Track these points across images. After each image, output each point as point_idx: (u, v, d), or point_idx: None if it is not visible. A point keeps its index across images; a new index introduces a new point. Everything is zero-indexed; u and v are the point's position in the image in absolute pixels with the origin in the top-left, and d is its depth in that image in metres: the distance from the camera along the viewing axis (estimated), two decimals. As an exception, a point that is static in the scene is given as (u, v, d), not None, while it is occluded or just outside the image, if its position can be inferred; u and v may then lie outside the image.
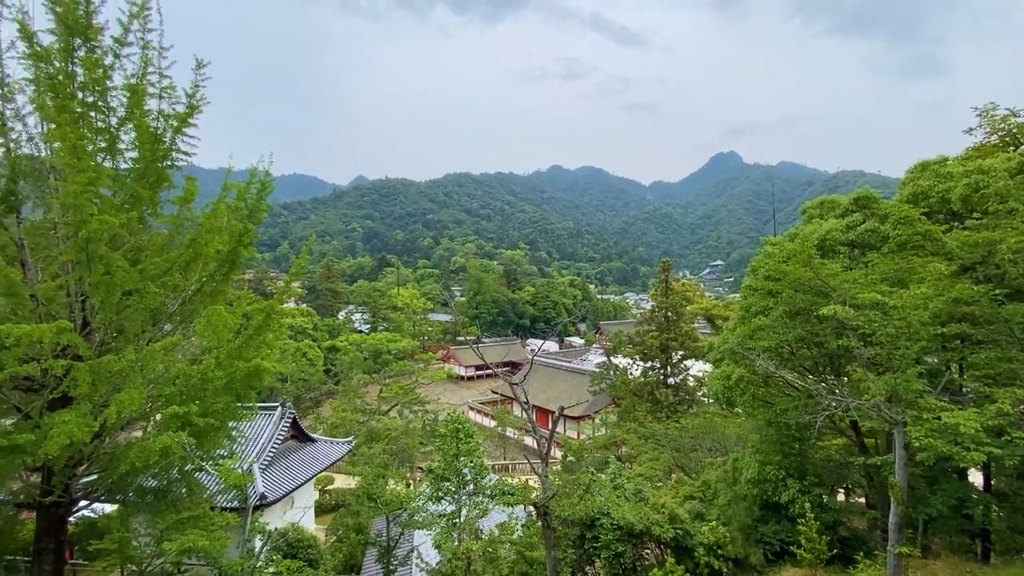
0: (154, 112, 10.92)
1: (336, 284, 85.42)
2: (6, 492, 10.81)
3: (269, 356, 12.25)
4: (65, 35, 9.87)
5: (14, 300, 9.02)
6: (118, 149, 10.77)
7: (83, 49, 10.06)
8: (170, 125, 10.98)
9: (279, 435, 20.06)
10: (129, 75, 10.71)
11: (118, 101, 10.56)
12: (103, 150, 10.46)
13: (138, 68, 10.70)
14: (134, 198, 10.48)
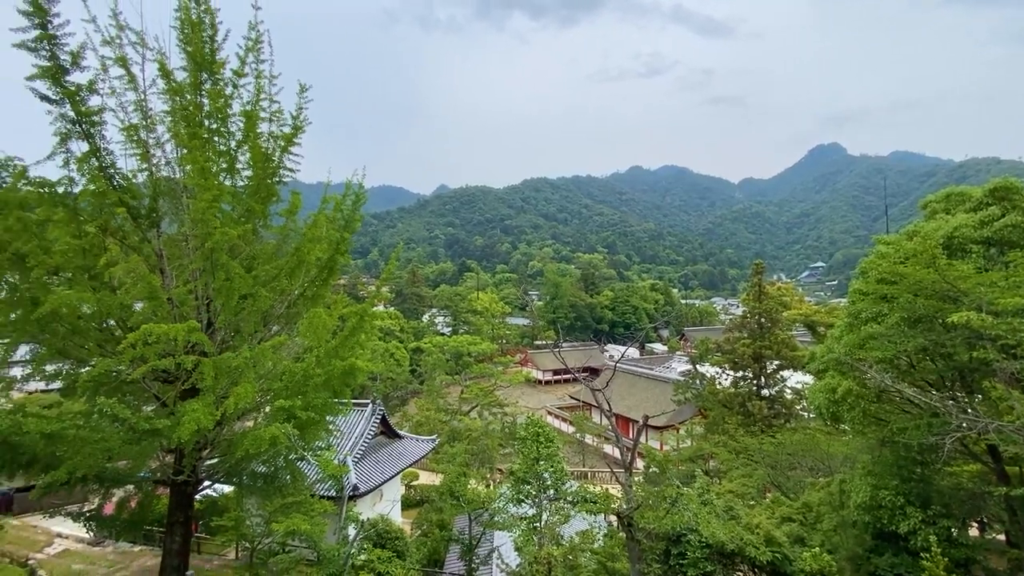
0: (265, 134, 12.15)
1: (420, 289, 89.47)
2: (147, 470, 12.49)
3: (362, 356, 13.11)
4: (195, 71, 11.27)
5: (155, 303, 10.41)
6: (236, 169, 12.10)
7: (209, 82, 11.43)
8: (278, 145, 12.16)
9: (370, 430, 21.32)
10: (245, 102, 12.02)
11: (236, 126, 11.88)
12: (224, 170, 11.81)
13: (252, 96, 11.97)
14: (249, 212, 11.70)
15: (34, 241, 9.64)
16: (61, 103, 9.89)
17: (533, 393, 67.11)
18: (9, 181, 10.19)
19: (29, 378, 10.98)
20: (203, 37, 11.08)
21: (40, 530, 19.55)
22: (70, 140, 10.14)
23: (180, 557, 12.28)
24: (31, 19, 9.30)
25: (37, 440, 9.57)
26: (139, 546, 17.53)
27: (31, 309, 9.49)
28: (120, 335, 10.12)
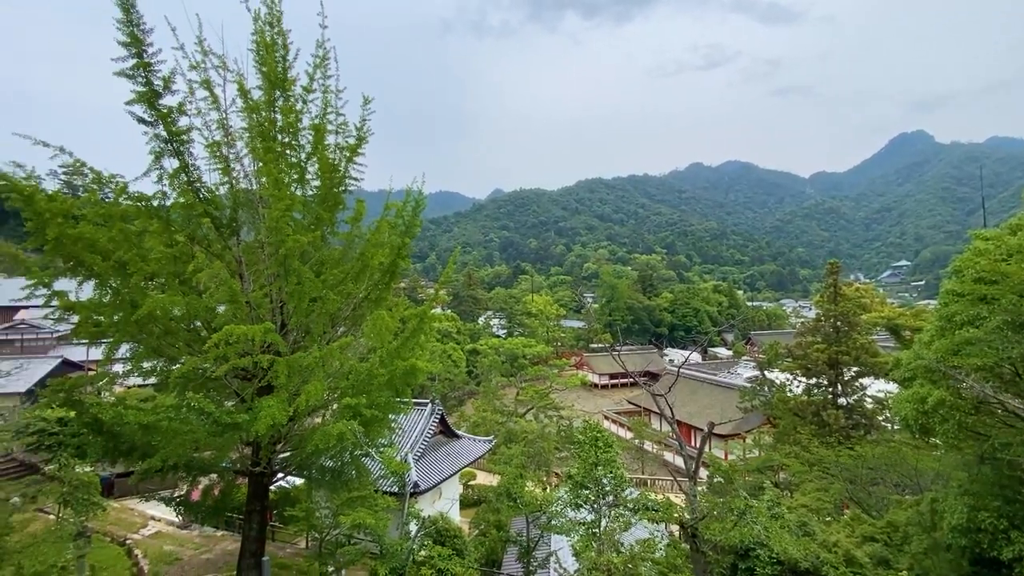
0: (332, 146, 12.80)
1: (476, 291, 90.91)
2: (228, 460, 13.48)
3: (421, 356, 13.49)
4: (269, 89, 12.06)
5: (235, 306, 11.23)
6: (306, 179, 12.82)
7: (281, 99, 12.20)
8: (344, 156, 12.77)
9: (429, 429, 21.88)
10: (313, 116, 12.73)
11: (306, 139, 12.60)
12: (295, 181, 12.55)
13: (320, 110, 12.65)
14: (318, 220, 12.36)
15: (133, 250, 10.67)
16: (155, 124, 10.90)
17: (589, 397, 66.23)
18: (112, 196, 11.36)
19: (129, 374, 12.14)
20: (276, 57, 11.85)
21: (137, 513, 21.57)
22: (163, 158, 11.15)
23: (257, 543, 13.13)
24: (129, 49, 10.31)
25: (135, 430, 10.58)
26: (221, 531, 18.92)
27: (131, 312, 10.49)
28: (205, 335, 10.98)
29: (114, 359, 11.68)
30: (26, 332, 46.94)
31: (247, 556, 12.96)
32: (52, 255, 10.44)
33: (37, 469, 22.04)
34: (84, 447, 11.30)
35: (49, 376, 32.49)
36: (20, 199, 9.85)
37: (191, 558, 16.49)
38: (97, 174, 11.02)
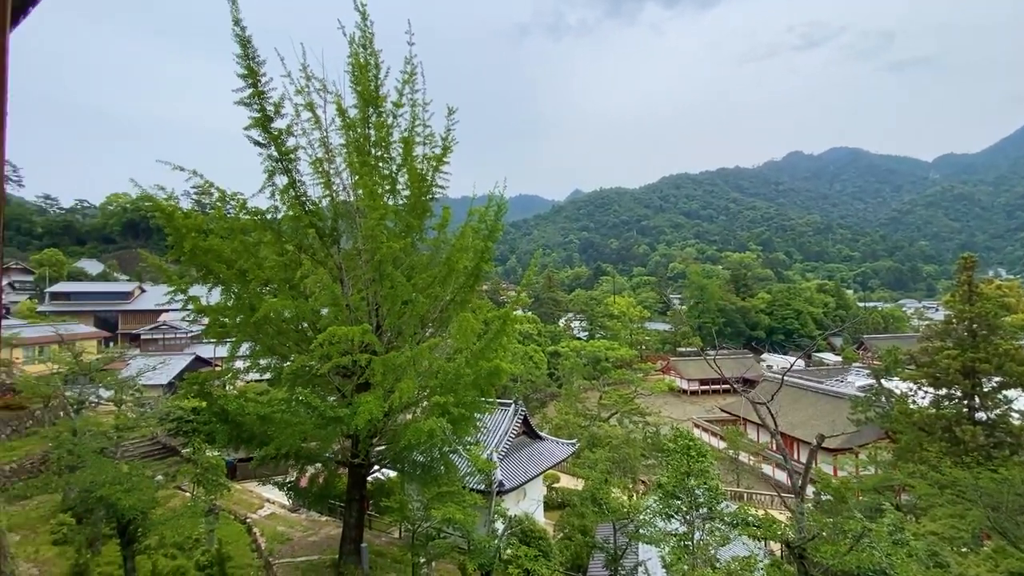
0: (420, 157, 13.45)
1: (556, 293, 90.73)
2: (331, 451, 14.60)
3: (504, 358, 13.73)
4: (363, 107, 12.94)
5: (336, 309, 12.16)
6: (396, 190, 13.58)
7: (374, 115, 13.03)
8: (431, 165, 13.36)
9: (513, 430, 22.17)
10: (403, 130, 13.46)
11: (396, 152, 13.35)
12: (387, 191, 13.35)
13: (408, 123, 13.34)
14: (408, 227, 13.04)
15: (251, 259, 11.94)
16: (268, 146, 12.12)
17: (677, 403, 63.36)
18: (234, 212, 12.81)
19: (248, 370, 13.58)
20: (369, 76, 12.68)
21: (255, 495, 24.02)
22: (275, 176, 12.37)
23: (356, 530, 14.08)
24: (246, 80, 11.56)
25: (254, 420, 11.81)
26: (325, 516, 20.52)
27: (250, 314, 11.74)
28: (311, 336, 11.99)
29: (236, 356, 13.18)
30: (167, 332, 54.33)
31: (348, 542, 13.94)
32: (187, 265, 11.99)
33: (176, 451, 25.38)
34: (213, 434, 12.80)
35: (185, 371, 37.28)
36: (163, 217, 11.42)
37: (299, 539, 18.04)
38: (222, 193, 12.48)
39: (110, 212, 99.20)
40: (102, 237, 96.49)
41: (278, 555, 15.98)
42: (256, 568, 15.02)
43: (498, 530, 14.38)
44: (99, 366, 21.47)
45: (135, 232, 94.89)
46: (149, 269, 15.33)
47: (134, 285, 66.59)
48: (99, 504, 11.87)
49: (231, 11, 11.13)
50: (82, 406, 19.57)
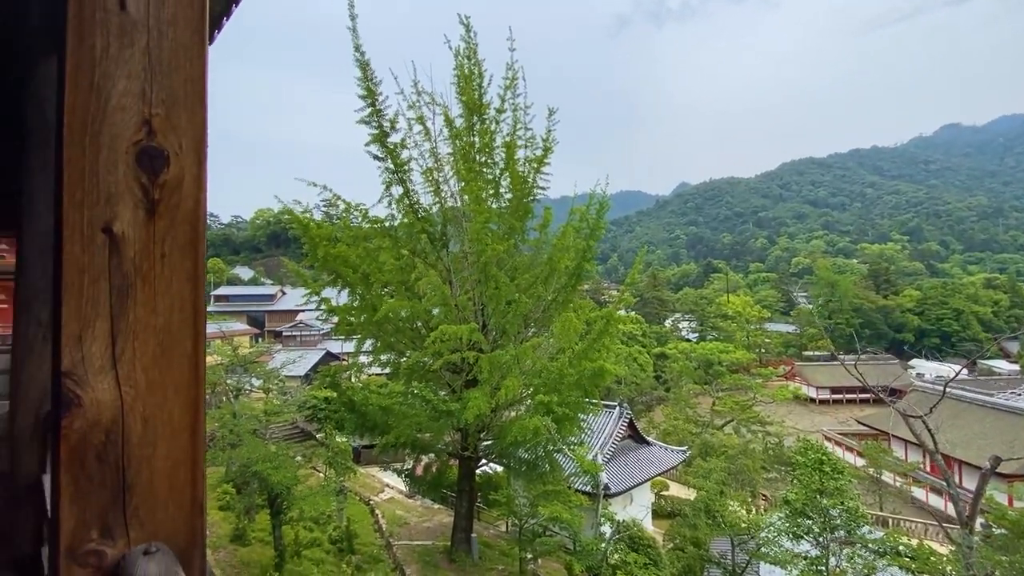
0: (521, 159, 13.72)
1: (662, 292, 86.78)
2: (442, 443, 15.45)
3: (607, 358, 13.49)
4: (468, 116, 13.53)
5: (446, 309, 12.86)
6: (500, 193, 13.99)
7: (478, 123, 13.57)
8: (532, 168, 13.56)
9: (618, 433, 21.67)
10: (504, 135, 13.84)
11: (499, 156, 13.75)
12: (491, 195, 13.81)
13: (510, 128, 13.69)
14: (510, 229, 13.36)
15: (373, 264, 13.06)
16: (385, 159, 13.18)
17: (803, 413, 57.22)
18: (358, 221, 14.12)
19: (371, 365, 14.86)
20: (473, 86, 13.22)
21: (376, 479, 26.20)
22: (391, 186, 13.43)
23: (467, 520, 14.72)
24: (366, 101, 12.68)
25: (376, 411, 12.91)
26: (437, 505, 21.74)
27: (372, 314, 12.85)
28: (425, 334, 12.79)
29: (361, 352, 14.50)
30: (303, 329, 61.53)
31: (459, 530, 14.64)
32: (320, 270, 13.45)
33: (312, 436, 28.56)
34: (342, 421, 14.21)
35: (319, 364, 41.77)
36: (299, 228, 12.93)
37: (415, 524, 19.34)
38: (347, 204, 13.82)
39: (258, 225, 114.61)
40: (252, 247, 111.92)
41: (397, 537, 17.28)
42: (379, 547, 16.37)
43: (605, 534, 14.15)
44: (252, 359, 24.93)
45: (278, 242, 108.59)
46: (289, 274, 17.56)
47: (277, 288, 76.37)
48: (253, 478, 13.77)
49: (352, 39, 12.29)
50: (239, 393, 22.85)
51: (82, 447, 0.92)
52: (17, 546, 2.82)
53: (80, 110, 0.93)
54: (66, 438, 0.90)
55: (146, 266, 0.98)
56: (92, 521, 0.93)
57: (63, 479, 0.91)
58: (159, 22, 1.01)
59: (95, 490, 0.93)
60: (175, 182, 1.02)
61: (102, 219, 0.94)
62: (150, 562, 0.90)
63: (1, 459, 2.86)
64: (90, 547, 0.92)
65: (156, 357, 0.98)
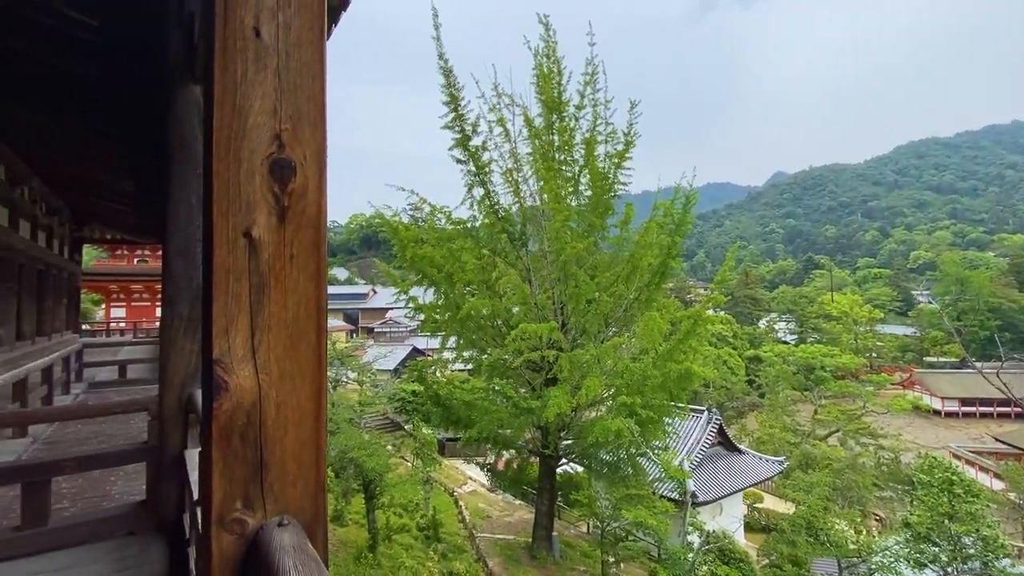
0: (601, 155, 13.48)
1: (755, 291, 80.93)
2: (523, 440, 15.61)
3: (695, 360, 12.85)
4: (547, 114, 13.52)
5: (525, 307, 12.97)
6: (579, 190, 13.85)
7: (557, 121, 13.52)
8: (613, 163, 13.27)
9: (706, 439, 20.58)
10: (584, 131, 13.67)
11: (578, 153, 13.61)
12: (570, 193, 13.70)
13: (590, 124, 13.49)
14: (590, 227, 13.18)
15: (456, 264, 13.49)
16: (467, 163, 13.56)
17: (926, 426, 50.70)
18: (442, 223, 14.67)
19: (454, 361, 15.37)
20: (552, 84, 13.20)
21: (459, 472, 27.08)
22: (473, 188, 13.80)
23: (548, 518, 14.77)
24: (449, 106, 13.12)
25: (460, 405, 13.34)
26: (518, 501, 22.03)
27: (456, 312, 13.28)
28: (505, 332, 13.00)
29: (445, 348, 15.06)
30: (392, 326, 65.15)
31: (540, 528, 14.72)
32: (408, 270, 14.15)
33: (400, 427, 30.17)
34: (428, 414, 14.84)
35: (406, 359, 44.00)
36: (389, 230, 13.68)
37: (497, 518, 19.74)
38: (433, 207, 14.40)
39: (352, 229, 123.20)
40: (347, 249, 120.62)
41: (479, 529, 17.75)
42: (462, 538, 16.92)
43: (693, 543, 13.51)
44: (348, 353, 26.87)
45: (369, 244, 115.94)
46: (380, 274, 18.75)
47: (369, 288, 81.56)
48: (350, 463, 14.81)
49: (436, 48, 12.78)
50: (337, 384, 24.72)
51: (229, 427, 1.04)
52: (164, 512, 3.28)
53: (225, 129, 1.05)
54: (216, 419, 1.03)
55: (278, 266, 1.09)
56: (237, 493, 1.05)
57: (214, 454, 1.03)
58: (287, 45, 1.12)
59: (239, 466, 1.05)
60: (301, 190, 1.12)
61: (243, 225, 1.06)
62: (284, 533, 1.00)
63: (152, 436, 3.35)
64: (235, 516, 1.05)
65: (286, 348, 1.09)
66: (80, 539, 3.09)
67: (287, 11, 1.12)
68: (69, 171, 12.60)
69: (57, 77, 6.92)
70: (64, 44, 5.71)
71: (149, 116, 7.13)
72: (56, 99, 8.12)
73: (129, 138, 8.22)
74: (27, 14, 5.26)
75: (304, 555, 0.91)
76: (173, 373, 3.14)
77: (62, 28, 5.31)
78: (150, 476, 3.31)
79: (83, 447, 5.19)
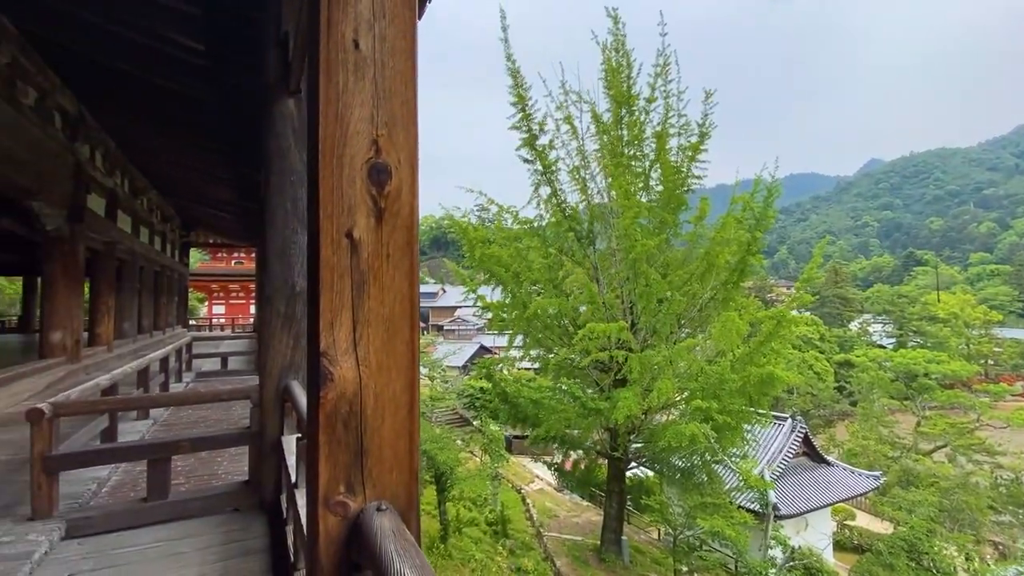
0: (674, 148, 13.00)
1: (845, 289, 74.38)
2: (591, 441, 15.41)
3: (777, 364, 12.04)
4: (616, 109, 13.24)
5: (593, 307, 12.78)
6: (649, 185, 13.45)
7: (627, 115, 13.19)
8: (686, 156, 12.76)
9: (790, 448, 19.22)
10: (655, 124, 13.24)
11: (649, 147, 13.20)
12: (640, 189, 13.33)
13: (661, 116, 13.05)
14: (662, 223, 12.75)
15: (523, 263, 13.59)
16: (534, 162, 13.59)
17: (1057, 444, 44.17)
18: (509, 223, 14.81)
19: (521, 359, 15.47)
20: (621, 78, 12.91)
21: (526, 470, 27.23)
22: (539, 187, 13.81)
23: (616, 522, 14.48)
24: (516, 107, 13.21)
25: (528, 403, 13.41)
26: (585, 502, 21.79)
27: (523, 311, 13.37)
28: (572, 331, 12.90)
29: (512, 347, 15.20)
30: (460, 324, 66.86)
31: (608, 531, 14.47)
32: (476, 270, 14.42)
33: (469, 422, 30.85)
34: (496, 411, 15.05)
35: (474, 356, 44.96)
36: (459, 231, 14.03)
37: (564, 518, 19.64)
38: (500, 207, 14.59)
39: (422, 231, 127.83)
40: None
41: (547, 528, 17.76)
42: (530, 535, 17.02)
43: (775, 558, 12.68)
44: (420, 349, 27.87)
45: (438, 245, 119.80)
46: (449, 273, 19.37)
47: (439, 287, 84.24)
48: (423, 456, 15.38)
49: (504, 49, 12.93)
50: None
51: (333, 415, 1.11)
52: (264, 492, 3.58)
53: (329, 138, 1.13)
54: (323, 407, 1.11)
55: (376, 265, 1.15)
56: (340, 476, 1.12)
57: (320, 439, 1.11)
58: (382, 55, 1.18)
59: (342, 451, 1.12)
60: (396, 192, 1.17)
61: (346, 226, 1.13)
62: (383, 517, 1.06)
63: (253, 421, 3.68)
64: (339, 498, 1.12)
65: (383, 342, 1.15)
66: (194, 512, 3.46)
67: (382, 22, 1.18)
68: (179, 182, 14.11)
69: (170, 98, 7.78)
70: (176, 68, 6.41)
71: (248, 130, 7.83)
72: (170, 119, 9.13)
73: (230, 151, 9.06)
74: (136, 39, 5.96)
75: (405, 541, 0.95)
76: (271, 365, 3.42)
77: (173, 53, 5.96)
78: (252, 458, 3.64)
79: (192, 430, 5.80)
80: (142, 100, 8.53)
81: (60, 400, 3.47)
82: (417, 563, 0.87)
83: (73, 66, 7.87)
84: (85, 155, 9.80)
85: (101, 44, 6.68)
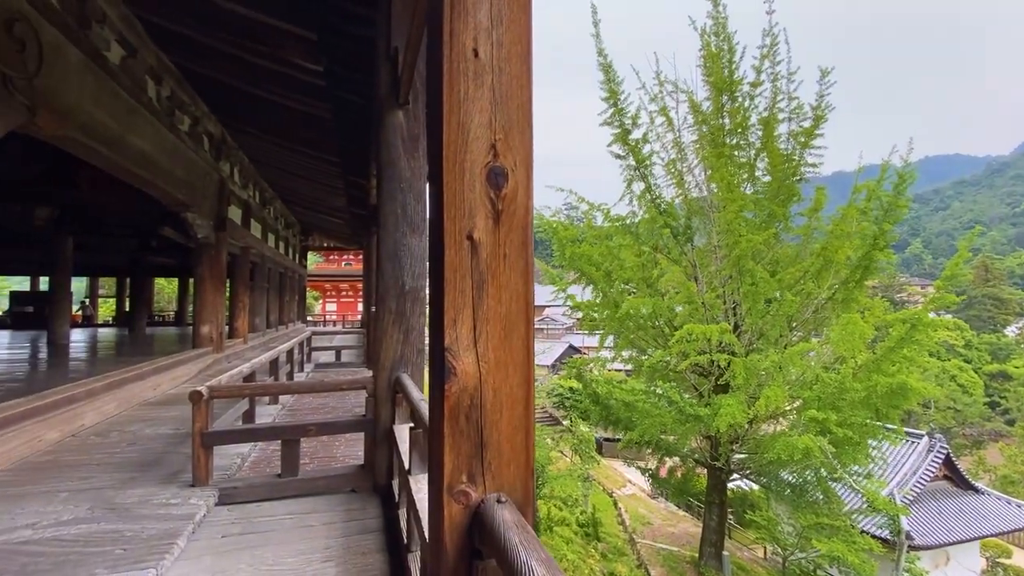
0: (783, 135, 11.96)
1: (999, 289, 63.40)
2: (689, 448, 14.66)
3: (911, 373, 10.57)
4: (716, 97, 12.45)
5: (691, 307, 12.13)
6: (755, 176, 12.49)
7: (728, 102, 12.36)
8: (798, 142, 11.67)
9: (927, 470, 16.79)
10: (761, 111, 12.26)
11: (754, 136, 12.26)
12: (744, 180, 12.42)
13: (769, 101, 12.06)
14: (770, 216, 11.78)
15: (614, 261, 13.27)
16: (626, 157, 13.21)
17: None
18: (600, 221, 14.56)
19: (613, 360, 15.14)
20: (722, 64, 12.12)
21: (618, 473, 26.59)
22: (632, 183, 13.40)
23: (717, 535, 13.64)
24: (608, 102, 12.93)
25: (620, 406, 13.08)
26: (682, 512, 20.80)
27: (614, 311, 13.06)
28: (668, 333, 12.37)
29: (604, 347, 14.92)
30: (549, 323, 66.99)
31: (708, 544, 13.67)
32: (566, 269, 14.36)
33: (559, 422, 30.84)
34: (587, 412, 14.87)
35: (563, 355, 44.85)
36: (548, 231, 14.05)
37: (659, 526, 18.90)
38: (590, 205, 14.39)
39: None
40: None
41: (640, 535, 17.22)
42: (622, 541, 16.62)
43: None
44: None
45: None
46: (538, 272, 19.53)
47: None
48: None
49: (595, 44, 12.73)
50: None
51: (456, 408, 1.17)
52: (378, 476, 3.88)
53: (452, 145, 1.19)
54: (447, 399, 1.17)
55: (494, 265, 1.19)
56: (462, 466, 1.18)
57: (445, 430, 1.17)
58: (499, 61, 1.22)
59: (464, 443, 1.18)
60: (512, 194, 1.21)
61: (467, 228, 1.18)
62: (504, 509, 1.09)
63: (368, 410, 4.01)
64: (461, 488, 1.17)
65: (501, 339, 1.19)
66: (318, 490, 3.85)
67: (499, 28, 1.22)
68: (299, 192, 15.69)
69: (292, 116, 8.69)
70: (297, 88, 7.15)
71: (356, 142, 8.53)
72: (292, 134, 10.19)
73: (340, 162, 9.92)
74: (267, 66, 6.71)
75: (527, 534, 0.97)
76: (384, 358, 3.69)
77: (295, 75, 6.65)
78: (367, 444, 3.96)
79: (314, 416, 6.43)
80: (269, 119, 9.64)
81: (214, 384, 4.03)
82: (543, 557, 0.89)
83: (215, 94, 9.09)
84: (226, 172, 11.27)
85: (239, 73, 7.64)
